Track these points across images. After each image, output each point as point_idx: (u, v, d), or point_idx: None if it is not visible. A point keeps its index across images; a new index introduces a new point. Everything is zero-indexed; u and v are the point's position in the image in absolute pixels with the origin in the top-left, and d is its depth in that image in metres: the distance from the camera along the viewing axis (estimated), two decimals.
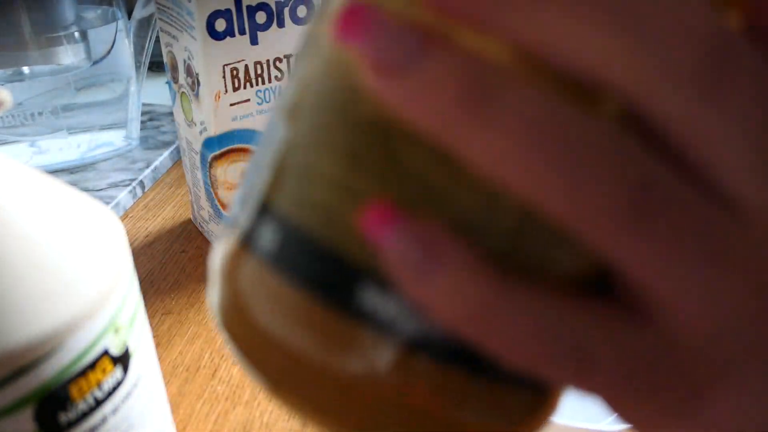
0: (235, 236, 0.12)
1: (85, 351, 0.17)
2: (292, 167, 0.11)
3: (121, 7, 0.49)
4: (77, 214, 0.19)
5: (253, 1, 0.33)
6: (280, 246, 0.11)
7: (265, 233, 0.11)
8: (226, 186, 0.37)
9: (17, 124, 0.46)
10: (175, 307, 0.37)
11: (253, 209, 0.11)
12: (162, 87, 0.65)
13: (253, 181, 0.12)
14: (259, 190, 0.11)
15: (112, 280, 0.18)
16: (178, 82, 0.37)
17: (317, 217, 0.10)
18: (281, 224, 0.11)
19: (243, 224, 0.12)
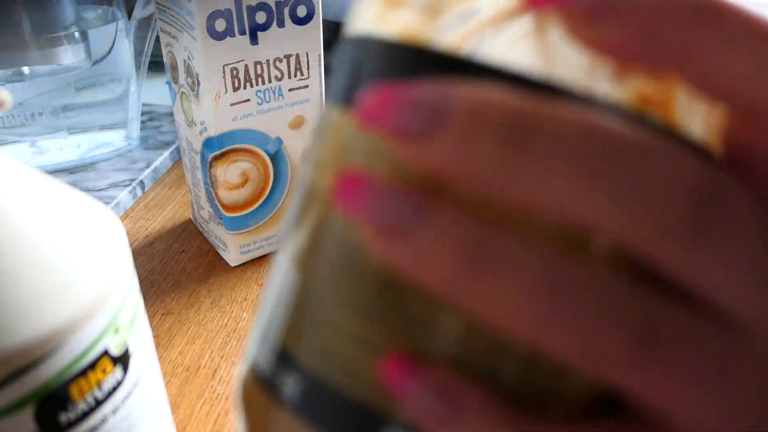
0: (256, 375, 0.12)
1: (85, 351, 0.17)
2: (306, 316, 0.11)
3: (121, 7, 0.49)
4: (77, 214, 0.19)
5: (253, 1, 0.33)
6: (301, 395, 0.11)
7: (286, 381, 0.11)
8: (226, 186, 0.37)
9: (17, 124, 0.46)
10: (175, 307, 0.37)
11: (272, 352, 0.12)
12: (162, 87, 0.65)
13: (269, 321, 0.12)
14: (277, 335, 0.12)
15: (112, 280, 0.18)
16: (178, 82, 0.37)
17: (337, 369, 0.11)
18: (301, 373, 0.11)
19: (263, 366, 0.12)
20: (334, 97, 0.12)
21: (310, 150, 0.12)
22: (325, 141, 0.11)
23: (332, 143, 0.11)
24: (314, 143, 0.12)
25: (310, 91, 0.37)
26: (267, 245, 0.41)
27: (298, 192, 0.12)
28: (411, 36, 0.10)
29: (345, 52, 0.12)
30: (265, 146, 0.37)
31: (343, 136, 0.11)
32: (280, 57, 0.35)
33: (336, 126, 0.11)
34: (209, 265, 0.40)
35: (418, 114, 0.09)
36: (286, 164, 0.39)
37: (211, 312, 0.36)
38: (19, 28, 0.44)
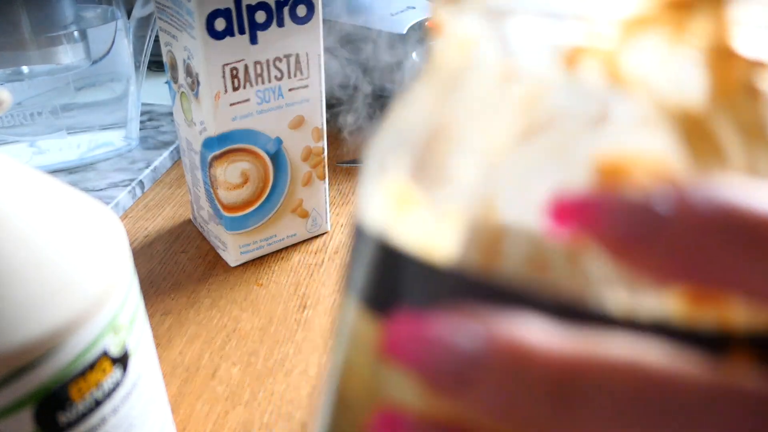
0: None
1: (85, 351, 0.17)
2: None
3: (120, 6, 0.48)
4: (77, 214, 0.18)
5: (252, 1, 0.33)
6: None
7: None
8: (225, 186, 0.37)
9: (17, 124, 0.46)
10: (175, 307, 0.37)
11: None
12: (162, 87, 0.65)
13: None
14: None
15: (112, 280, 0.18)
16: (178, 82, 0.37)
17: None
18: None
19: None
20: (355, 293, 0.11)
21: (336, 346, 0.11)
22: (352, 346, 0.11)
23: (360, 353, 0.11)
24: (339, 339, 0.11)
25: (310, 91, 0.37)
26: (267, 245, 0.41)
27: (328, 392, 0.12)
28: (428, 248, 0.10)
29: (360, 242, 0.11)
30: (264, 146, 0.37)
31: (370, 349, 0.10)
32: (280, 57, 0.35)
33: (361, 333, 0.11)
34: (209, 265, 0.40)
35: (450, 357, 0.08)
36: (286, 164, 0.39)
37: (210, 312, 0.36)
38: (18, 27, 0.43)
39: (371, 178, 0.11)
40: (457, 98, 0.10)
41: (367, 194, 0.11)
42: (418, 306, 0.10)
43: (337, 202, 0.48)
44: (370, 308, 0.11)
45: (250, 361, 0.33)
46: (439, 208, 0.10)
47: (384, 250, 0.10)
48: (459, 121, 0.10)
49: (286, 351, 0.34)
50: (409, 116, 0.11)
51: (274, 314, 0.36)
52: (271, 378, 0.32)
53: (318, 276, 0.39)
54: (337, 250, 0.42)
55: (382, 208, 0.11)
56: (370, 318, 0.11)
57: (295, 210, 0.41)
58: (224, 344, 0.34)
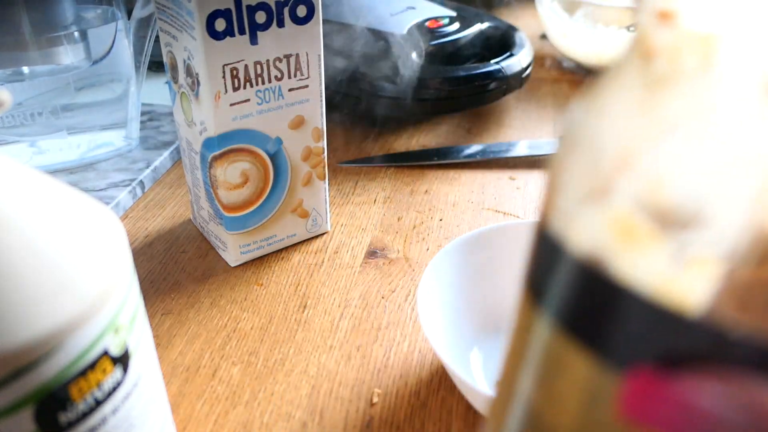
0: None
1: (85, 351, 0.17)
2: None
3: (120, 6, 0.48)
4: (77, 214, 0.18)
5: (252, 1, 0.33)
6: None
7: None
8: (226, 186, 0.37)
9: (17, 124, 0.46)
10: (175, 307, 0.37)
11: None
12: (162, 87, 0.65)
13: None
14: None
15: (112, 280, 0.18)
16: (178, 82, 0.37)
17: None
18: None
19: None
20: (552, 312, 0.10)
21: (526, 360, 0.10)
22: (554, 373, 0.10)
23: (567, 384, 0.10)
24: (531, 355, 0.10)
25: (309, 91, 0.37)
26: (267, 245, 0.41)
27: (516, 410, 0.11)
28: (667, 293, 0.08)
29: (558, 259, 0.10)
30: (264, 146, 0.37)
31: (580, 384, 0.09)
32: (280, 57, 0.35)
33: (567, 363, 0.10)
34: (209, 265, 0.40)
35: (704, 424, 0.07)
36: (286, 164, 0.39)
37: (210, 312, 0.36)
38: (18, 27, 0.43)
39: (576, 190, 0.10)
40: (693, 109, 0.08)
41: (569, 209, 0.10)
42: (656, 358, 0.08)
43: (337, 202, 0.48)
44: (578, 337, 0.10)
45: (250, 361, 0.33)
46: (686, 251, 0.08)
47: (601, 281, 0.09)
48: (701, 140, 0.08)
49: (286, 351, 0.34)
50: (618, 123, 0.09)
51: (274, 314, 0.36)
52: (271, 378, 0.32)
53: (318, 276, 0.39)
54: (337, 250, 0.42)
55: (598, 234, 0.09)
56: (577, 348, 0.10)
57: (295, 210, 0.41)
58: (224, 344, 0.34)
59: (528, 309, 0.11)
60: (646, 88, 0.09)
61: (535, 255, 0.11)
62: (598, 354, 0.09)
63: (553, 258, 0.10)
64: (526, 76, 0.59)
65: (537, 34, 0.87)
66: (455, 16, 0.60)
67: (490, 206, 0.47)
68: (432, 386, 0.31)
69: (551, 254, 0.10)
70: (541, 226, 0.11)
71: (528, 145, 0.55)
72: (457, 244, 0.34)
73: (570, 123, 0.11)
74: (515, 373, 0.11)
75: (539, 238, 0.11)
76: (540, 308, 0.10)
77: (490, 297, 0.34)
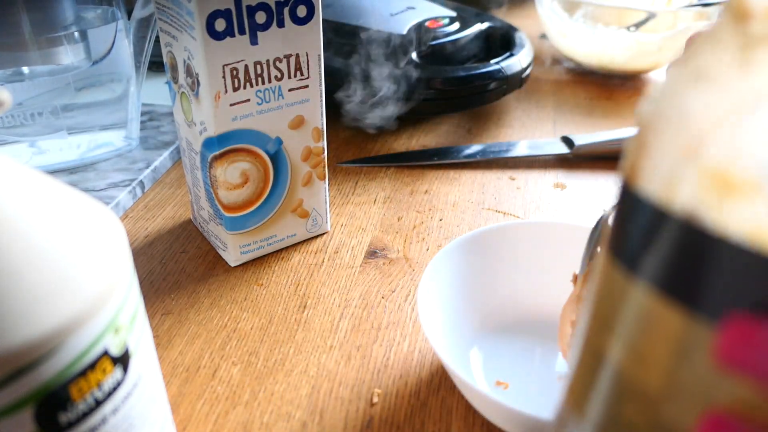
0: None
1: (85, 351, 0.17)
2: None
3: (120, 6, 0.48)
4: (77, 214, 0.18)
5: (252, 1, 0.33)
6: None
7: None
8: (226, 186, 0.37)
9: (17, 125, 0.46)
10: (175, 307, 0.37)
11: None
12: (162, 87, 0.65)
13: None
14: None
15: (112, 280, 0.18)
16: (178, 82, 0.37)
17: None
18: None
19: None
20: (646, 276, 0.10)
21: (615, 326, 0.10)
22: (645, 335, 0.10)
23: (660, 344, 0.10)
24: (621, 320, 0.10)
25: (310, 91, 0.37)
26: (267, 245, 0.41)
27: (604, 375, 0.11)
28: (765, 240, 0.08)
29: (650, 219, 0.10)
30: (264, 146, 0.37)
31: (673, 342, 0.10)
32: (280, 57, 0.35)
33: (662, 323, 0.10)
34: (209, 265, 0.40)
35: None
36: (286, 164, 0.39)
37: (210, 312, 0.36)
38: (18, 28, 0.44)
39: (670, 150, 0.10)
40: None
41: (662, 169, 0.10)
42: (752, 305, 0.09)
43: (337, 202, 0.48)
44: (671, 293, 0.10)
45: (250, 361, 0.33)
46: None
47: (698, 235, 0.09)
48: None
49: (286, 351, 0.34)
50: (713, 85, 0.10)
51: (274, 314, 0.36)
52: (271, 378, 0.32)
53: (318, 276, 0.39)
54: (337, 250, 0.42)
55: (693, 189, 0.10)
56: (670, 305, 0.10)
57: (295, 210, 0.41)
58: (224, 344, 0.34)
59: (614, 274, 0.11)
60: (741, 50, 0.09)
61: (624, 219, 0.11)
62: (693, 308, 0.10)
63: (646, 219, 0.10)
64: (526, 76, 0.59)
65: (537, 34, 0.87)
66: (455, 16, 0.60)
67: (490, 206, 0.47)
68: (432, 386, 0.31)
69: (643, 216, 0.10)
70: (630, 189, 0.11)
71: (528, 145, 0.55)
72: (457, 244, 0.34)
73: (663, 86, 0.11)
74: (599, 339, 0.11)
75: (628, 201, 0.11)
76: (629, 272, 0.11)
77: (490, 297, 0.34)
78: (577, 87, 0.70)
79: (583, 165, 0.53)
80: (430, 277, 0.31)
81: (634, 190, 0.11)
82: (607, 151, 0.53)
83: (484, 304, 0.34)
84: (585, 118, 0.63)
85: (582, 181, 0.51)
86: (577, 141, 0.53)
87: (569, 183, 0.51)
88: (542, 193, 0.49)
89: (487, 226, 0.36)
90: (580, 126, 0.61)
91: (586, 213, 0.46)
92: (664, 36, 0.67)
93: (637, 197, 0.11)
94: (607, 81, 0.72)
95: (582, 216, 0.46)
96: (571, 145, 0.53)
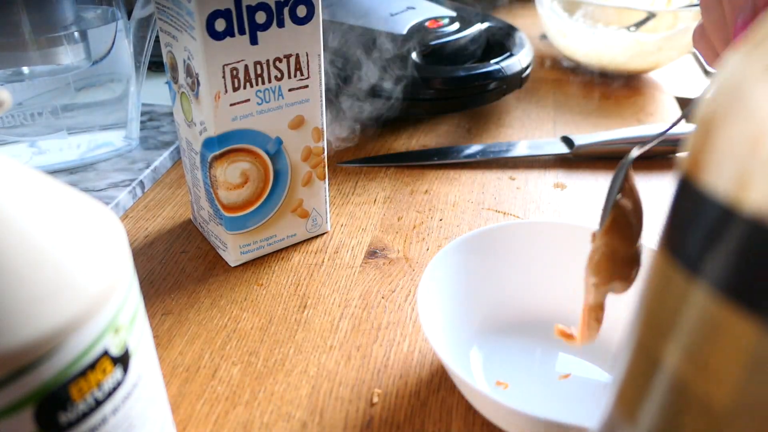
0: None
1: (85, 351, 0.17)
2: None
3: (120, 6, 0.48)
4: (77, 215, 0.18)
5: (252, 1, 0.33)
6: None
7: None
8: (226, 186, 0.37)
9: (17, 125, 0.46)
10: (175, 307, 0.37)
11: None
12: (162, 87, 0.65)
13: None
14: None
15: (112, 280, 0.18)
16: (178, 82, 0.37)
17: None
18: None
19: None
20: (711, 280, 0.10)
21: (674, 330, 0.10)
22: (712, 344, 0.09)
23: (730, 358, 0.09)
24: (681, 325, 0.10)
25: (310, 91, 0.37)
26: (267, 245, 0.41)
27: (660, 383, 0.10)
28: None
29: (719, 219, 0.10)
30: (264, 146, 0.37)
31: (748, 357, 0.09)
32: (280, 57, 0.35)
33: (734, 335, 0.09)
34: (209, 265, 0.40)
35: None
36: (286, 164, 0.39)
37: (210, 312, 0.36)
38: (18, 28, 0.44)
39: (741, 147, 0.09)
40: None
41: (734, 167, 0.09)
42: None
43: (337, 202, 0.48)
44: (742, 301, 0.09)
45: (250, 361, 0.33)
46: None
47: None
48: None
49: (286, 351, 0.34)
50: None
51: (274, 314, 0.36)
52: (271, 378, 0.32)
53: (318, 276, 0.39)
54: (337, 250, 0.42)
55: (766, 188, 0.09)
56: (741, 313, 0.09)
57: (295, 210, 0.41)
58: (224, 344, 0.34)
59: (672, 273, 0.10)
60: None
61: (684, 216, 0.10)
62: (758, 313, 0.09)
63: (711, 218, 0.10)
64: (526, 76, 0.59)
65: (537, 34, 0.87)
66: (455, 16, 0.60)
67: (490, 206, 0.47)
68: (432, 386, 0.31)
69: (708, 214, 0.10)
70: (692, 184, 0.10)
71: (528, 145, 0.55)
72: (457, 244, 0.34)
73: (726, 76, 0.10)
74: (654, 342, 0.11)
75: (689, 197, 0.10)
76: (690, 272, 0.10)
77: (490, 297, 0.34)
78: (577, 87, 0.70)
79: (583, 165, 0.53)
80: (430, 277, 0.31)
81: (696, 186, 0.10)
82: (607, 151, 0.53)
83: (484, 304, 0.34)
84: (585, 118, 0.63)
85: (582, 181, 0.51)
86: (577, 141, 0.53)
87: (569, 183, 0.51)
88: (542, 193, 0.49)
89: (487, 226, 0.36)
90: (580, 126, 0.61)
91: (586, 213, 0.46)
92: (664, 36, 0.67)
93: (701, 193, 0.10)
94: (607, 81, 0.72)
95: (582, 216, 0.46)
96: (571, 145, 0.53)
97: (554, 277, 0.35)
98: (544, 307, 0.35)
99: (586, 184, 0.51)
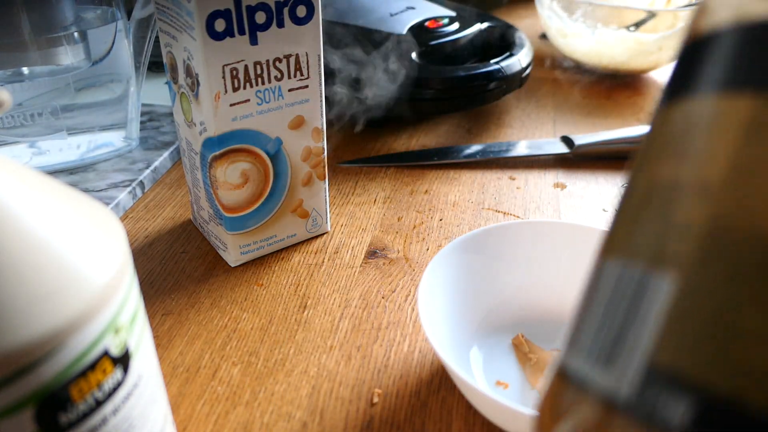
0: (604, 402, 0.11)
1: (85, 351, 0.17)
2: (695, 326, 0.10)
3: (120, 7, 0.48)
4: (77, 215, 0.18)
5: (252, 1, 0.33)
6: (697, 419, 0.10)
7: (670, 404, 0.10)
8: (226, 186, 0.37)
9: (17, 125, 0.46)
10: (175, 308, 0.37)
11: (635, 373, 0.10)
12: (162, 87, 0.65)
13: (617, 338, 0.11)
14: (641, 352, 0.10)
15: (112, 280, 0.18)
16: (178, 83, 0.37)
17: (755, 384, 0.09)
18: (697, 394, 0.10)
19: (620, 391, 0.10)
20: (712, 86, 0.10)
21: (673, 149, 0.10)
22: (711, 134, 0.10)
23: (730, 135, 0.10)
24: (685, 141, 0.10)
25: (309, 91, 0.37)
26: (267, 246, 0.41)
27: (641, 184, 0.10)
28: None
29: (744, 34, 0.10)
30: (264, 146, 0.37)
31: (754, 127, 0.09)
32: (279, 57, 0.35)
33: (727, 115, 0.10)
34: (209, 265, 0.40)
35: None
36: (286, 164, 0.39)
37: (211, 312, 0.36)
38: (18, 28, 0.43)
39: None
40: None
41: None
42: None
43: (337, 202, 0.48)
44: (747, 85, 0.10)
45: (251, 361, 0.33)
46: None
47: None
48: None
49: (286, 351, 0.34)
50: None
51: (275, 314, 0.36)
52: (271, 378, 0.32)
53: (318, 276, 0.39)
54: (337, 250, 0.42)
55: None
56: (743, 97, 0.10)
57: (295, 210, 0.41)
58: (225, 344, 0.34)
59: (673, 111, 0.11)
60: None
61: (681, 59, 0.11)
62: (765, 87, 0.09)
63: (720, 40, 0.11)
64: (526, 76, 0.59)
65: (537, 34, 0.87)
66: (455, 16, 0.60)
67: (490, 206, 0.47)
68: (432, 386, 0.31)
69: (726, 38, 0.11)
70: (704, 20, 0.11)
71: (528, 145, 0.55)
72: (457, 244, 0.34)
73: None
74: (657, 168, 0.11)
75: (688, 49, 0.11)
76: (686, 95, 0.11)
77: (490, 297, 0.34)
78: (577, 87, 0.70)
79: (583, 165, 0.53)
80: (430, 277, 0.31)
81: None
82: (607, 151, 0.53)
83: (484, 304, 0.34)
84: (585, 118, 0.63)
85: (582, 181, 0.51)
86: (577, 141, 0.53)
87: (569, 183, 0.51)
88: (542, 193, 0.49)
89: (487, 226, 0.36)
90: (580, 126, 0.61)
91: (586, 213, 0.46)
92: (664, 36, 0.67)
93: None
94: (607, 81, 0.72)
95: (582, 216, 0.46)
96: (571, 145, 0.53)
97: (554, 277, 0.35)
98: (544, 307, 0.35)
99: (586, 184, 0.51)
